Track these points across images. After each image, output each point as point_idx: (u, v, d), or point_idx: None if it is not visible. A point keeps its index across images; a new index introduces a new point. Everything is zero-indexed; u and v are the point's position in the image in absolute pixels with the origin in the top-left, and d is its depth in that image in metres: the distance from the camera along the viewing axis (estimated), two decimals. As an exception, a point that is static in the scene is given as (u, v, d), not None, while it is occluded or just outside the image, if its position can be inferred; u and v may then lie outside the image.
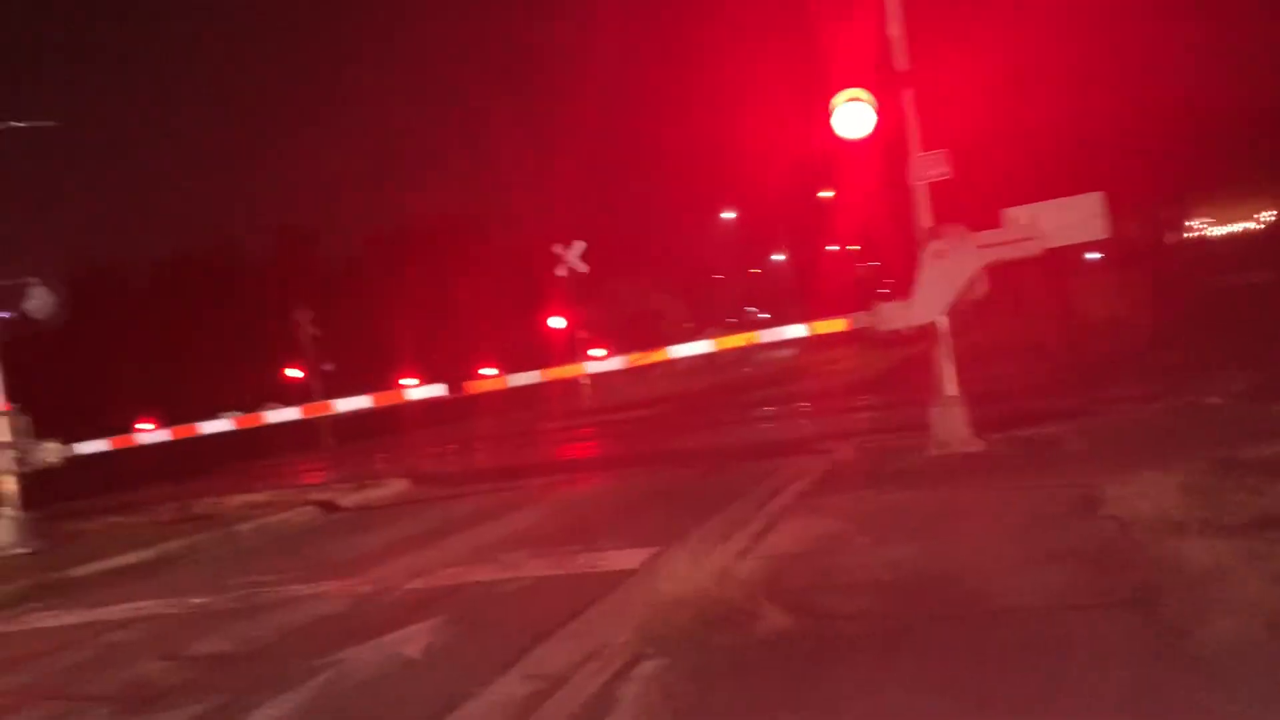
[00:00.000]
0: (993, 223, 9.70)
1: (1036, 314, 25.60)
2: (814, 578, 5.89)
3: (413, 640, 6.03)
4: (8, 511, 12.19)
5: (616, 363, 12.35)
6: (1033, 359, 20.61)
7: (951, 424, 9.86)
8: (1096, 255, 27.89)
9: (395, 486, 15.17)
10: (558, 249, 35.66)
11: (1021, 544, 5.99)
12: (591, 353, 14.68)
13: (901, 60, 10.03)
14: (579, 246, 35.54)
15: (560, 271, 35.44)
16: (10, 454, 12.20)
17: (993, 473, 8.69)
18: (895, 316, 9.88)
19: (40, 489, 12.76)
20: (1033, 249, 9.65)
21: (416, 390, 14.04)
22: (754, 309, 74.08)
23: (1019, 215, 9.70)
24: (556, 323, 35.35)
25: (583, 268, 35.47)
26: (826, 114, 10.05)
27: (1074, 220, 9.74)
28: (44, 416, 12.79)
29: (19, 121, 12.82)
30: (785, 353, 39.36)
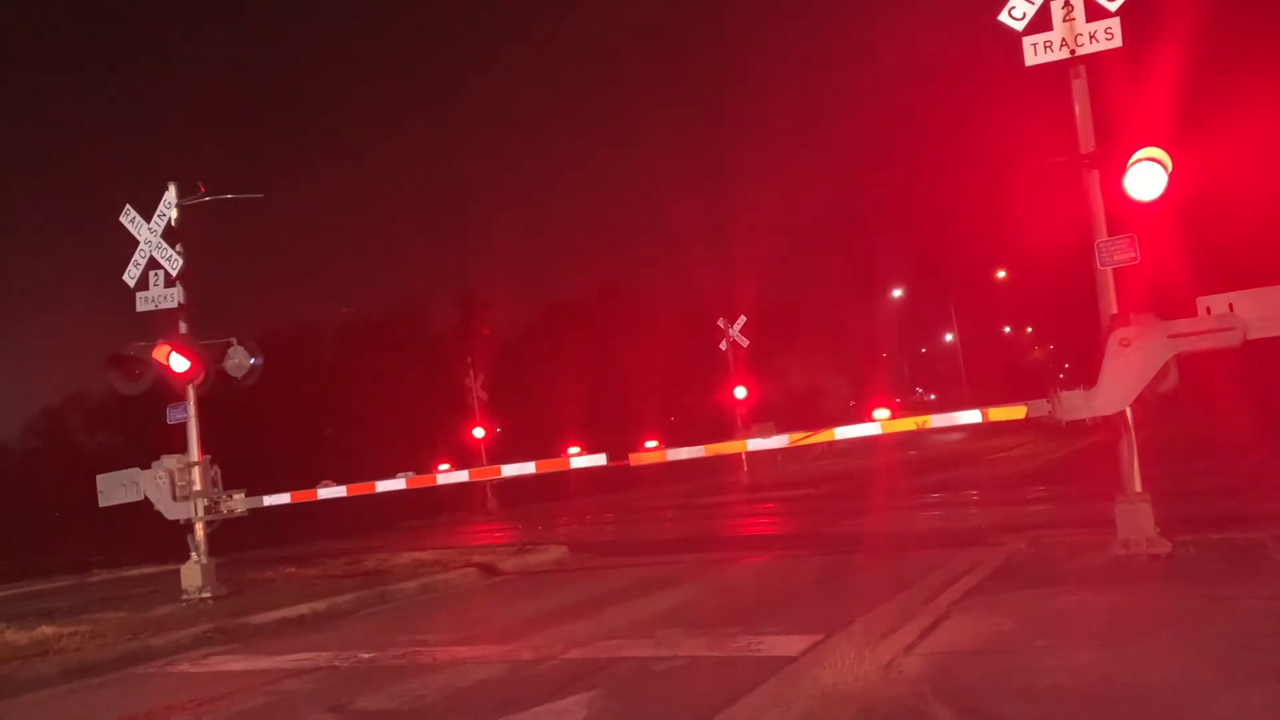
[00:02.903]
0: (1187, 310, 9.17)
1: (1232, 409, 23.99)
2: (987, 680, 5.59)
3: (571, 713, 6.02)
4: (195, 557, 12.89)
5: (779, 440, 12.15)
6: (1227, 457, 19.27)
7: (1137, 522, 9.26)
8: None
9: (554, 553, 15.33)
10: (721, 322, 35.79)
11: (1220, 660, 5.53)
12: (754, 428, 14.48)
13: (1086, 141, 9.70)
14: (741, 320, 35.57)
15: (723, 345, 35.50)
16: (201, 503, 12.95)
17: (1183, 578, 8.11)
18: (1079, 406, 9.38)
19: (224, 537, 13.46)
20: (1231, 340, 9.03)
21: (579, 459, 14.19)
22: (921, 390, 72.36)
23: (1216, 303, 9.13)
24: (718, 397, 35.29)
25: (744, 341, 35.42)
26: (1005, 192, 9.80)
27: (1278, 310, 9.09)
28: (233, 468, 13.55)
29: (229, 194, 13.75)
30: (953, 437, 38.16)
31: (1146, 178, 9.01)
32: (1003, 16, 9.57)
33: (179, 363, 12.79)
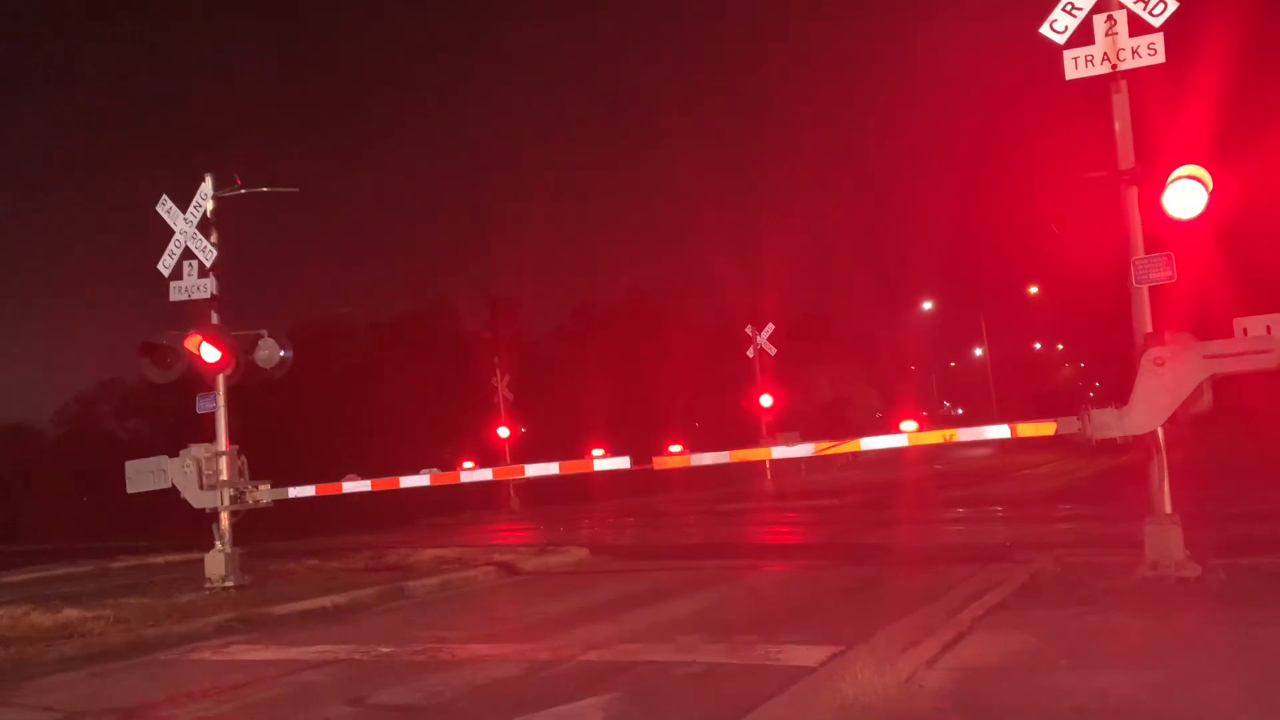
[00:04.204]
0: (1223, 331, 9.04)
1: (1266, 431, 23.64)
2: (1008, 698, 5.53)
3: (588, 715, 6.00)
4: (220, 546, 12.99)
5: (805, 449, 12.10)
6: (1260, 480, 18.98)
7: (1166, 544, 9.13)
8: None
9: (575, 554, 15.33)
10: (749, 330, 35.70)
11: (1248, 685, 5.44)
12: (780, 436, 14.45)
13: (1126, 157, 9.59)
14: (769, 328, 35.47)
15: (750, 353, 35.42)
16: (228, 492, 13.05)
17: (1212, 603, 7.99)
18: (1110, 425, 9.27)
19: (248, 527, 13.55)
20: (1268, 362, 8.89)
21: (603, 461, 14.20)
22: (949, 403, 71.93)
23: (1253, 325, 9.00)
24: (745, 404, 35.20)
25: (772, 350, 35.32)
26: (1041, 207, 9.71)
27: (1318, 334, 8.94)
28: (259, 459, 13.64)
29: (265, 187, 13.87)
30: (980, 452, 37.85)
31: (1186, 196, 8.90)
32: (1045, 29, 9.48)
33: (210, 353, 12.90)
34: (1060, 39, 9.43)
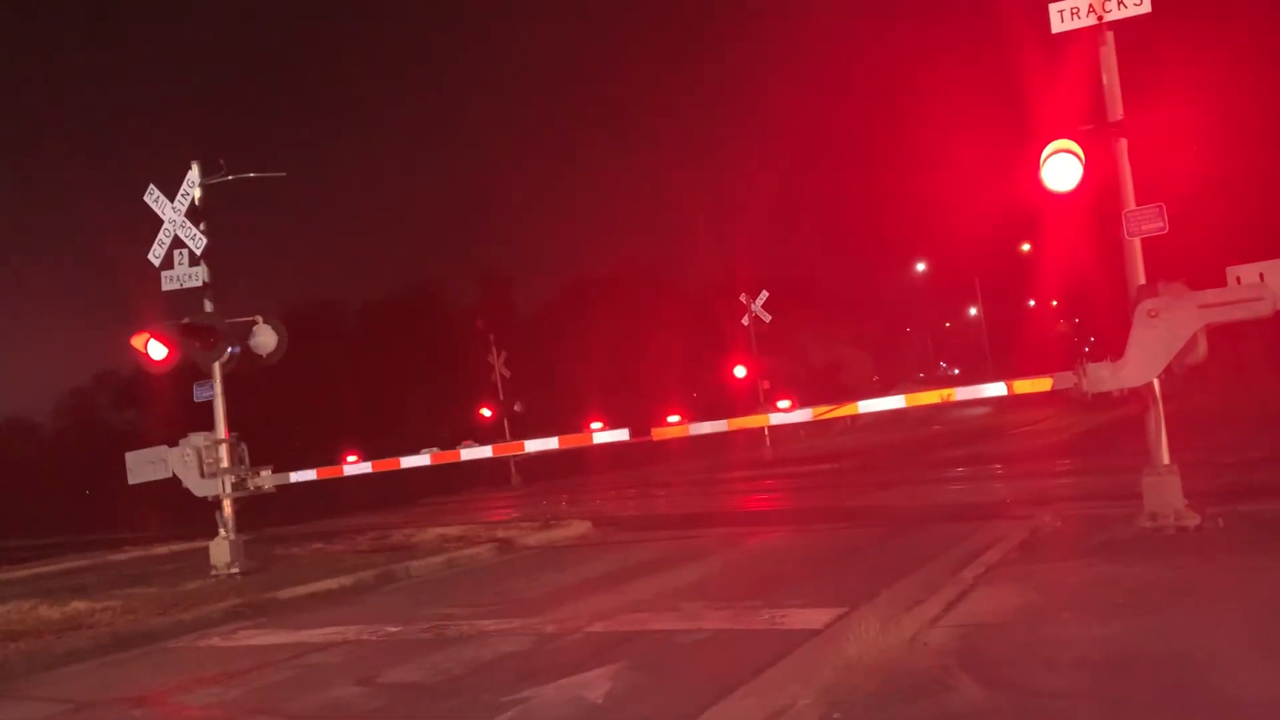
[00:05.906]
0: (1216, 281, 9.04)
1: (1261, 380, 23.72)
2: (1013, 651, 5.57)
3: (595, 685, 6.05)
4: (224, 533, 13.03)
5: (803, 414, 12.14)
6: (1255, 429, 19.07)
7: (1165, 495, 9.18)
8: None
9: (578, 528, 15.40)
10: (743, 298, 35.67)
11: (1248, 631, 5.49)
12: (778, 404, 14.57)
13: (1115, 110, 9.56)
14: (763, 296, 35.45)
15: (744, 321, 35.40)
16: (229, 479, 13.07)
17: (1211, 550, 8.05)
18: (1105, 378, 9.29)
19: (251, 513, 13.59)
20: (1261, 310, 8.90)
21: (602, 434, 14.22)
22: (945, 364, 72.09)
23: (1246, 273, 9.00)
24: (740, 372, 35.23)
25: (766, 317, 35.31)
26: (1032, 166, 9.67)
27: (1309, 280, 8.95)
28: (258, 445, 13.64)
29: (251, 173, 13.80)
30: (977, 411, 37.98)
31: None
32: (1029, -18, 9.42)
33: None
34: (1046, -9, 9.38)
